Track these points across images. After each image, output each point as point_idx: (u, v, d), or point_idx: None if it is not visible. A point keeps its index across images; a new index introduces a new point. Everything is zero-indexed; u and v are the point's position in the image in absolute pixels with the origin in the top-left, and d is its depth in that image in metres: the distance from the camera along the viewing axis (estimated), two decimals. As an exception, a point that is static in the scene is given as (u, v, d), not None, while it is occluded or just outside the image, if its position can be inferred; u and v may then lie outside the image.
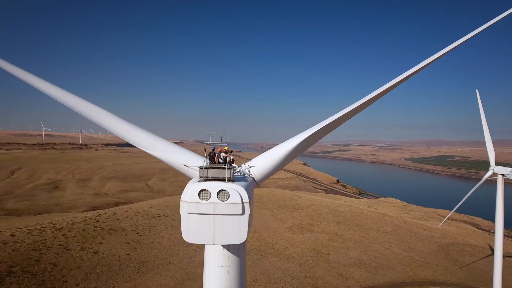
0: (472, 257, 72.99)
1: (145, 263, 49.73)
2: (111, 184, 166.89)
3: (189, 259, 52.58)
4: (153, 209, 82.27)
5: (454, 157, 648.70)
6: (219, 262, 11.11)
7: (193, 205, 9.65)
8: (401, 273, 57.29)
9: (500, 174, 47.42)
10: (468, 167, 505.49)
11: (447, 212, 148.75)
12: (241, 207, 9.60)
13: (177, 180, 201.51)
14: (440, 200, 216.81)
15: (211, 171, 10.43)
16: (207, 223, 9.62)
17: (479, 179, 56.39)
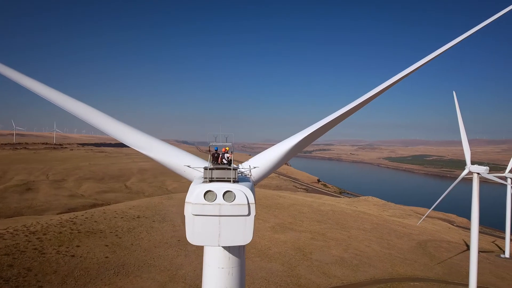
0: (448, 252, 75.24)
1: (125, 265, 48.41)
2: (88, 185, 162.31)
3: (170, 261, 51.59)
4: (132, 210, 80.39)
5: (430, 156, 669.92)
6: (219, 264, 10.95)
7: (198, 206, 9.48)
8: (382, 270, 58.31)
9: (476, 173, 49.03)
10: (443, 166, 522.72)
11: (424, 210, 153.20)
12: (247, 208, 9.55)
13: (156, 180, 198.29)
14: (417, 198, 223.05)
15: (216, 172, 10.29)
16: (213, 224, 9.45)
17: (454, 178, 58.94)
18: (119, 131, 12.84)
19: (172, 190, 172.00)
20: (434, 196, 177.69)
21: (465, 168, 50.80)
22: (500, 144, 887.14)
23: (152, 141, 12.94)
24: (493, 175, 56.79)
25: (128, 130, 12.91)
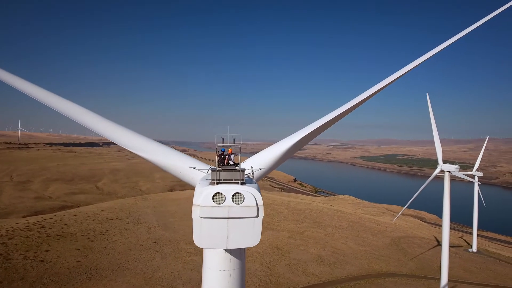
0: (420, 248, 77.74)
1: (98, 269, 46.51)
2: (56, 187, 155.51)
3: (146, 264, 50.09)
4: (105, 212, 77.72)
5: (402, 156, 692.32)
6: (221, 266, 10.74)
7: (207, 209, 9.31)
8: (358, 267, 59.33)
9: (447, 171, 50.77)
10: (414, 164, 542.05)
11: (396, 208, 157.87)
12: (256, 210, 9.42)
13: (129, 181, 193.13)
14: (390, 196, 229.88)
15: (224, 174, 10.13)
16: (221, 227, 9.29)
17: (424, 176, 60.53)
18: (113, 132, 12.74)
19: (146, 191, 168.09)
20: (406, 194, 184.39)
21: (437, 167, 52.43)
22: (466, 143, 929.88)
23: (147, 142, 12.83)
24: (462, 174, 59.14)
25: (122, 130, 12.82)
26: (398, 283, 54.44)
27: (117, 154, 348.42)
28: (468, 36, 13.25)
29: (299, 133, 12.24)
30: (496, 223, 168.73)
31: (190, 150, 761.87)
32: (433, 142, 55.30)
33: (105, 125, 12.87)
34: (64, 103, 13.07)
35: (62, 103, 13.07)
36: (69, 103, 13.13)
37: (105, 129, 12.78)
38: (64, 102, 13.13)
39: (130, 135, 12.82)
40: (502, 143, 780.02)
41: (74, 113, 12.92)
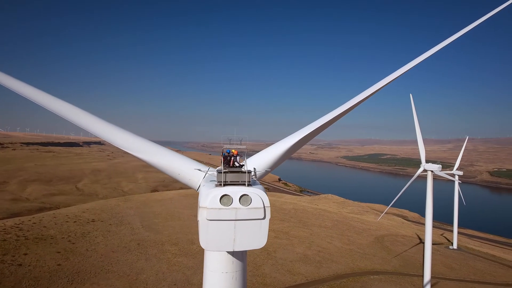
0: (403, 246, 79.14)
1: (80, 273, 45.12)
2: (33, 188, 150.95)
3: (130, 266, 48.97)
4: (86, 213, 75.73)
5: (385, 155, 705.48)
6: (223, 269, 10.66)
7: (214, 211, 9.18)
8: (344, 265, 59.83)
9: (430, 171, 51.83)
10: (396, 164, 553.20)
11: (379, 206, 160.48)
12: (263, 212, 9.36)
13: (111, 182, 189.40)
14: (373, 195, 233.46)
15: (230, 175, 10.01)
16: (228, 229, 9.21)
17: (406, 175, 61.69)
18: (108, 132, 12.62)
19: (128, 192, 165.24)
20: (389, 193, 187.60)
21: (421, 166, 53.42)
22: (446, 143, 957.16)
23: (144, 143, 12.72)
24: (444, 173, 60.48)
25: (117, 131, 12.72)
26: (383, 280, 55.17)
27: (98, 154, 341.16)
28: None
29: (299, 133, 12.27)
30: (475, 221, 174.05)
31: (173, 150, 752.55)
32: (414, 142, 56.35)
33: (100, 126, 12.69)
34: (57, 103, 12.81)
35: (55, 102, 12.80)
36: (61, 102, 12.86)
37: (99, 129, 12.59)
38: (57, 101, 12.85)
39: (125, 136, 12.65)
40: (480, 143, 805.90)
41: (67, 113, 12.66)
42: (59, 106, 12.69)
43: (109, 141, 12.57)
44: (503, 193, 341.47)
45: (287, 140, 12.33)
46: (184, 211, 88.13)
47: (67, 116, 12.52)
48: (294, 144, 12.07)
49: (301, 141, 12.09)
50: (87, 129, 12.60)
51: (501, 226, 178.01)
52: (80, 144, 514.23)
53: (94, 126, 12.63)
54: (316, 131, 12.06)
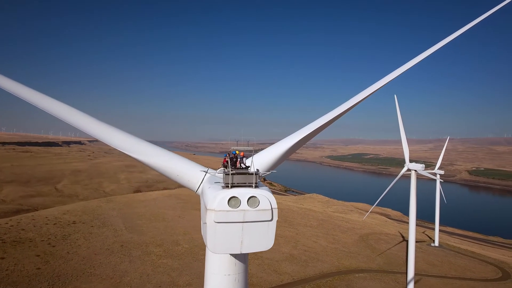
0: (387, 244, 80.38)
1: (60, 276, 43.71)
2: (10, 189, 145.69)
3: (113, 268, 47.79)
4: (67, 215, 73.65)
5: (368, 155, 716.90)
6: (226, 271, 10.62)
7: (222, 213, 9.08)
8: (329, 264, 60.22)
9: (414, 170, 52.75)
10: (379, 163, 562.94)
11: (363, 205, 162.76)
12: (271, 213, 9.40)
13: (92, 182, 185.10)
14: (356, 194, 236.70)
15: (237, 177, 9.91)
16: (235, 231, 9.15)
17: (388, 174, 62.82)
18: (105, 133, 12.51)
19: (110, 193, 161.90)
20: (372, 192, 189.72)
21: (405, 166, 54.32)
22: (427, 143, 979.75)
23: (142, 144, 12.60)
24: (427, 172, 61.77)
25: (113, 131, 12.63)
26: (368, 278, 55.81)
27: (79, 154, 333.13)
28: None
29: (299, 133, 12.48)
30: (454, 219, 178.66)
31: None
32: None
33: (97, 127, 12.55)
34: (52, 104, 12.67)
35: (50, 103, 12.66)
36: (58, 103, 12.72)
37: (96, 130, 12.46)
38: (53, 102, 12.71)
39: (123, 137, 12.55)
40: (459, 143, 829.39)
41: (63, 114, 12.50)
42: (55, 107, 12.53)
43: (106, 142, 12.38)
44: (481, 191, 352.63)
45: (287, 140, 12.46)
46: (168, 211, 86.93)
47: (63, 117, 12.32)
48: (294, 144, 12.25)
49: (301, 141, 12.26)
50: (83, 129, 12.41)
51: (479, 224, 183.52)
52: (59, 143, 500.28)
53: (90, 127, 12.46)
54: (316, 131, 12.29)
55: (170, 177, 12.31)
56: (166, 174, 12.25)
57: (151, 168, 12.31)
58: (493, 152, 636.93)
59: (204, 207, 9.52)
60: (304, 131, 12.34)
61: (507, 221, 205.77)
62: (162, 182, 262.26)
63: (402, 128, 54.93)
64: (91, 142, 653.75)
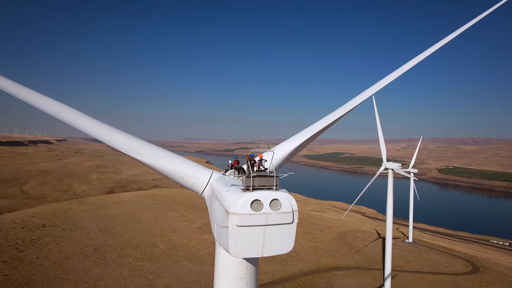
0: (364, 241, 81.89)
1: (30, 283, 41.29)
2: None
3: (87, 273, 45.73)
4: (35, 218, 70.10)
5: (343, 154, 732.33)
6: (238, 275, 10.46)
7: (245, 217, 8.92)
8: (308, 262, 60.51)
9: (391, 169, 54.04)
10: (354, 162, 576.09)
11: (340, 204, 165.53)
12: (292, 216, 9.25)
13: (61, 183, 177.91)
14: (333, 193, 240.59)
15: (258, 180, 9.71)
16: (257, 235, 8.99)
17: (363, 173, 64.20)
18: (108, 135, 12.36)
19: (81, 194, 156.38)
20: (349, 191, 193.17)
21: (382, 165, 55.48)
22: (399, 143, 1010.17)
23: (145, 145, 12.42)
24: (402, 171, 63.43)
25: (118, 133, 12.50)
26: (346, 275, 56.52)
27: (46, 154, 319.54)
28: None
29: (304, 132, 12.90)
30: (426, 215, 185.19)
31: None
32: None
33: (100, 128, 12.39)
34: (55, 105, 12.57)
35: (46, 101, 12.56)
36: (60, 105, 12.64)
37: (98, 131, 12.29)
38: (54, 103, 12.63)
39: (126, 138, 12.42)
40: (430, 142, 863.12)
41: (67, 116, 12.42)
42: (57, 108, 12.45)
43: (109, 143, 12.24)
44: (450, 189, 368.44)
45: (293, 140, 12.85)
46: (144, 213, 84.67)
47: (66, 119, 12.20)
48: (299, 145, 12.71)
49: (306, 142, 12.62)
50: (85, 131, 12.24)
51: (448, 220, 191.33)
52: (25, 143, 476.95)
53: (93, 128, 12.31)
54: (320, 131, 12.66)
55: (174, 179, 12.17)
56: (170, 176, 12.11)
57: (154, 170, 12.20)
58: (461, 151, 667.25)
59: (221, 210, 9.28)
60: (307, 133, 12.63)
61: (474, 217, 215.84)
62: (136, 183, 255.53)
63: (380, 129, 56.06)
64: (60, 141, 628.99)
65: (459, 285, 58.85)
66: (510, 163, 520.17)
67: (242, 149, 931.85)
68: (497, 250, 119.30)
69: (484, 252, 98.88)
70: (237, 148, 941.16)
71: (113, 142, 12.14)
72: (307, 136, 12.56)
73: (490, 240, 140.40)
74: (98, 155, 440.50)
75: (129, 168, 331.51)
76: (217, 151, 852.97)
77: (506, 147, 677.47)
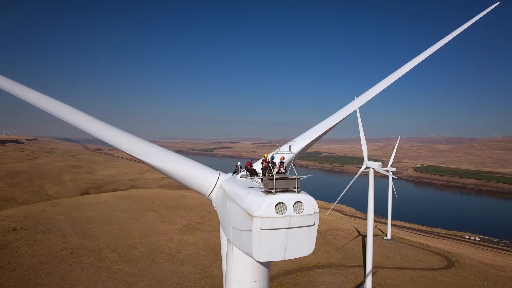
0: (344, 239, 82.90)
1: (0, 290, 39.23)
2: None
3: (63, 277, 43.83)
4: (5, 221, 66.88)
5: (322, 153, 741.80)
6: (252, 278, 10.31)
7: (269, 220, 8.80)
8: (291, 261, 60.38)
9: (372, 168, 54.91)
10: (333, 161, 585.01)
11: (319, 202, 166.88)
12: (313, 218, 9.22)
13: (32, 185, 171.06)
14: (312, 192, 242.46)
15: (279, 182, 9.62)
16: (280, 238, 8.92)
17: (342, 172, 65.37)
18: (114, 137, 12.29)
19: (54, 195, 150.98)
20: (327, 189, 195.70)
21: (363, 164, 56.29)
22: (376, 142, 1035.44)
23: (154, 148, 12.37)
24: (382, 169, 64.66)
25: (124, 135, 12.44)
26: (328, 273, 56.94)
27: (16, 154, 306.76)
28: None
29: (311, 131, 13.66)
30: (403, 213, 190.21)
31: (105, 149, 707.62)
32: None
33: (106, 130, 12.34)
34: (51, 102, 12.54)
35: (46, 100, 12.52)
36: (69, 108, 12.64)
37: (105, 134, 12.21)
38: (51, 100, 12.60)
39: (132, 140, 12.36)
40: (405, 142, 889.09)
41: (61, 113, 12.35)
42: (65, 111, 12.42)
43: (115, 145, 12.17)
44: (425, 186, 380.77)
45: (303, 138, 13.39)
46: (122, 214, 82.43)
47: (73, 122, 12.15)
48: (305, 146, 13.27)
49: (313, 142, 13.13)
50: (93, 134, 12.18)
51: (424, 217, 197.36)
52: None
53: (101, 131, 12.26)
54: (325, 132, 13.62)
55: (180, 182, 12.04)
56: (176, 178, 12.01)
57: (160, 172, 12.12)
58: (435, 150, 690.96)
59: (241, 213, 9.19)
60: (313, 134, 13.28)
61: (447, 214, 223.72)
62: (112, 183, 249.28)
63: (361, 129, 56.86)
64: (30, 140, 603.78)
65: (436, 280, 60.47)
66: (481, 162, 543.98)
67: (222, 148, 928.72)
68: (470, 245, 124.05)
69: (458, 247, 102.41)
70: (216, 148, 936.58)
71: (120, 144, 12.07)
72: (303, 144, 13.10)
73: (463, 235, 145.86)
74: (72, 154, 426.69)
75: (103, 169, 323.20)
76: (196, 151, 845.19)
77: (477, 146, 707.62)
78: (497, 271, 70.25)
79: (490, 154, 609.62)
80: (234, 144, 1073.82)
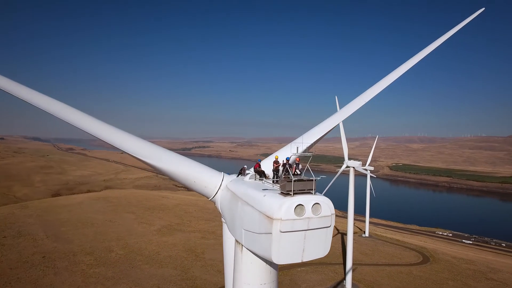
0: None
1: (-36, 299, 36.86)
2: None
3: (35, 283, 41.72)
4: (-29, 225, 63.31)
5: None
6: (262, 280, 10.30)
7: (289, 222, 8.73)
8: (272, 261, 60.45)
9: (352, 167, 55.81)
10: (311, 160, 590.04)
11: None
12: (330, 219, 9.25)
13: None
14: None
15: (297, 184, 9.51)
16: (298, 240, 8.91)
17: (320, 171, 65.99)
18: (118, 138, 12.17)
19: (22, 198, 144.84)
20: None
21: (344, 163, 57.11)
22: (354, 141, 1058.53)
23: (158, 149, 12.27)
24: (362, 168, 65.93)
25: (128, 136, 12.30)
26: (309, 271, 57.22)
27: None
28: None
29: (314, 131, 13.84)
30: (379, 210, 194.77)
31: (78, 149, 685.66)
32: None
33: (110, 131, 12.23)
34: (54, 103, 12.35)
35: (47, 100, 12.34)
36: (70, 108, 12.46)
37: (109, 134, 12.11)
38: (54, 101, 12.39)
39: (136, 142, 12.24)
40: (381, 141, 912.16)
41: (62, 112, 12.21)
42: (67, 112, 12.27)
43: (118, 147, 12.00)
44: (400, 184, 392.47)
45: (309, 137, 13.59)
46: (97, 216, 79.83)
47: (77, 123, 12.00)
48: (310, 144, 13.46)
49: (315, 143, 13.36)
50: (97, 135, 12.00)
51: (398, 214, 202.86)
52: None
53: (105, 132, 12.13)
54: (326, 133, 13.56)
55: (185, 184, 11.91)
56: (180, 180, 11.85)
57: (164, 173, 11.93)
58: (409, 149, 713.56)
59: (257, 216, 9.07)
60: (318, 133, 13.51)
61: (421, 211, 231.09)
62: (85, 184, 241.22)
63: (342, 129, 57.70)
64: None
65: (413, 275, 62.05)
66: (452, 160, 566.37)
67: (200, 148, 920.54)
68: (443, 240, 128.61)
69: (432, 243, 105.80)
70: (194, 147, 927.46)
71: (124, 145, 11.93)
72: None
73: (436, 231, 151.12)
74: (41, 154, 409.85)
75: (76, 169, 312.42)
76: (173, 150, 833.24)
77: (448, 145, 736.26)
78: (468, 265, 73.00)
79: (460, 153, 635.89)
80: (212, 144, 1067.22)
